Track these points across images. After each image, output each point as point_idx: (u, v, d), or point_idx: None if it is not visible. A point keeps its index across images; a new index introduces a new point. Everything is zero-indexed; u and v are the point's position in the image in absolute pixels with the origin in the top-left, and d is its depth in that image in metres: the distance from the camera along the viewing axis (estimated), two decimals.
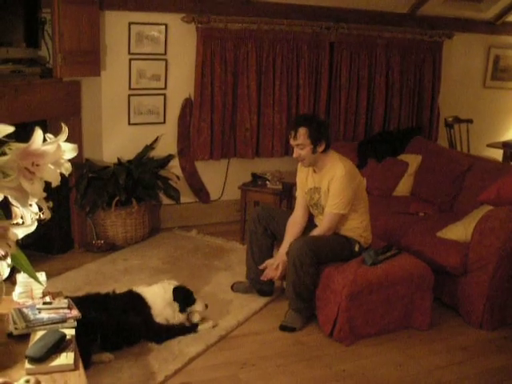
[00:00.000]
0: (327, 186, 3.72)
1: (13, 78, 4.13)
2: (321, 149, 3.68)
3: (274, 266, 3.85)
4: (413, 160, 5.41)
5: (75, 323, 2.25)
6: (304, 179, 3.94)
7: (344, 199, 3.68)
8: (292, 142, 3.73)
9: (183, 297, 3.60)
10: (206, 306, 3.71)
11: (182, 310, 3.58)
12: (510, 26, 6.86)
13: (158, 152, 5.42)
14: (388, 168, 5.39)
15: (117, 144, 5.26)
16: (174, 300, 3.56)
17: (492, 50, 6.94)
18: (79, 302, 3.11)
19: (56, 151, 1.37)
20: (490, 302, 3.78)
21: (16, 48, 4.25)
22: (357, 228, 3.84)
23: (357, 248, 3.83)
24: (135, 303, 3.48)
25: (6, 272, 1.53)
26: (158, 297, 3.53)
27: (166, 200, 5.44)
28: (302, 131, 3.66)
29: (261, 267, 3.95)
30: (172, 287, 3.60)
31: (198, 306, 3.67)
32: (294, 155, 3.76)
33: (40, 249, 4.67)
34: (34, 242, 4.40)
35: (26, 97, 4.16)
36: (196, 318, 3.67)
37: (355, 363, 3.39)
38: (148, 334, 3.45)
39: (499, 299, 3.82)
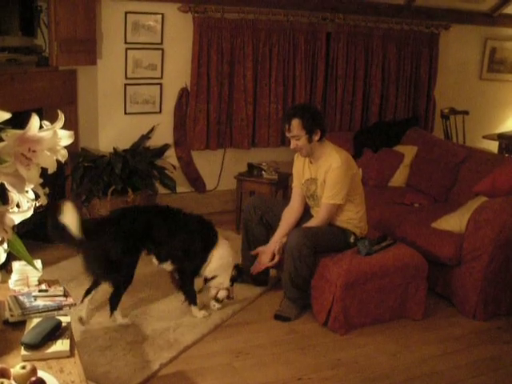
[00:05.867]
0: (323, 177, 3.73)
1: (9, 67, 4.11)
2: (317, 137, 3.68)
3: (266, 253, 3.86)
4: (408, 151, 5.42)
5: (71, 310, 2.26)
6: (300, 170, 3.95)
7: (340, 190, 3.68)
8: (287, 134, 3.73)
9: (237, 274, 3.77)
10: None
11: (232, 282, 3.77)
12: (506, 18, 6.86)
13: (154, 141, 5.42)
14: (384, 158, 5.41)
15: (113, 133, 5.26)
16: (233, 269, 3.73)
17: (489, 42, 6.94)
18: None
19: (52, 137, 1.38)
20: (483, 293, 3.81)
21: (12, 36, 4.22)
22: (352, 219, 3.85)
23: (352, 239, 3.84)
24: (206, 229, 3.69)
25: (3, 257, 1.54)
26: (228, 248, 3.71)
27: (161, 189, 5.44)
28: (296, 123, 3.66)
29: (253, 253, 3.97)
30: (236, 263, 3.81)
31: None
32: (292, 146, 3.77)
33: (36, 238, 4.66)
34: (30, 230, 4.41)
35: (22, 85, 4.15)
36: (222, 295, 3.78)
37: (349, 352, 3.41)
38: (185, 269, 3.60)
39: (492, 290, 3.85)
